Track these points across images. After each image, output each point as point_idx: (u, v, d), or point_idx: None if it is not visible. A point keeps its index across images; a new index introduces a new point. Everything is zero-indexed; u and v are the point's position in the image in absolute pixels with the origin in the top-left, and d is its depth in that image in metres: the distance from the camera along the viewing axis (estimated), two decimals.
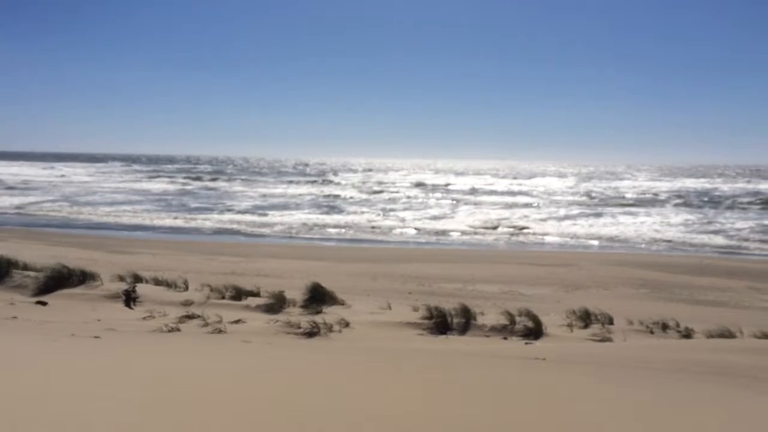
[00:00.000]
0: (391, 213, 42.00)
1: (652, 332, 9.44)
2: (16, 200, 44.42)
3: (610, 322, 9.79)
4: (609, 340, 8.76)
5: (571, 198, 57.37)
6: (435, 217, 39.58)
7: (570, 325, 9.53)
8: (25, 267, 10.60)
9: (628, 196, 60.73)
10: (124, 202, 46.20)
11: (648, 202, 53.85)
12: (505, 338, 8.86)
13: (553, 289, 15.83)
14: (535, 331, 9.03)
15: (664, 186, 77.98)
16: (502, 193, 63.58)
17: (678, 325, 9.68)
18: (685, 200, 54.71)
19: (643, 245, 28.50)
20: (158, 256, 19.33)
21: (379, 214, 40.73)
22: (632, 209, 46.35)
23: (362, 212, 42.08)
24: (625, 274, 18.25)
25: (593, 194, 62.38)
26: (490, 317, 9.63)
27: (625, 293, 15.66)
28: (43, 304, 9.17)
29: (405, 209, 45.35)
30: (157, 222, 34.19)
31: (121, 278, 10.73)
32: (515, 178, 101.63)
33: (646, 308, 12.70)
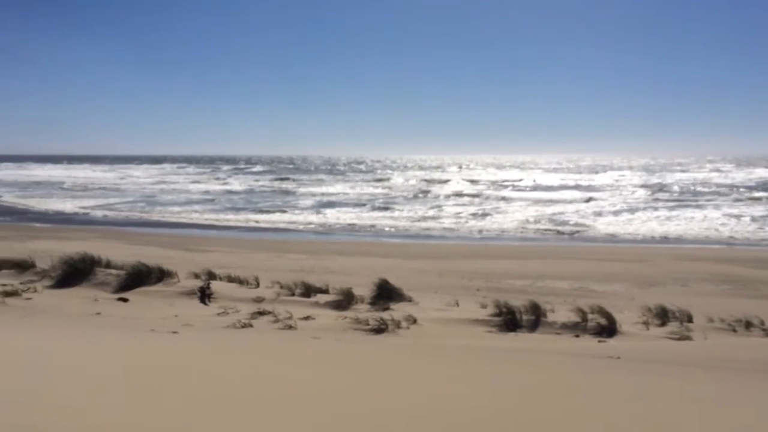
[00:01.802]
0: (452, 210, 41.74)
1: (734, 330, 9.03)
2: (93, 201, 46.68)
3: (689, 319, 9.42)
4: (688, 338, 8.44)
5: (640, 192, 55.46)
6: (497, 213, 39.07)
7: (646, 323, 9.24)
8: (108, 265, 11.09)
9: (700, 188, 58.22)
10: (193, 201, 47.83)
11: (721, 194, 51.45)
12: (577, 336, 8.66)
13: (627, 285, 15.33)
14: (608, 329, 8.79)
15: (737, 177, 74.32)
16: (567, 188, 62.15)
17: (762, 323, 9.24)
18: (762, 192, 51.89)
19: (720, 239, 27.24)
20: (229, 254, 19.90)
21: (439, 211, 40.57)
22: (704, 202, 44.41)
23: (422, 209, 42.01)
24: (703, 270, 17.48)
25: (662, 187, 60.10)
26: (561, 314, 9.44)
27: (704, 290, 15.01)
28: (125, 300, 9.57)
29: (464, 205, 45.00)
30: (225, 221, 35.20)
31: (196, 275, 11.08)
32: (580, 172, 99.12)
33: (727, 305, 12.15)
